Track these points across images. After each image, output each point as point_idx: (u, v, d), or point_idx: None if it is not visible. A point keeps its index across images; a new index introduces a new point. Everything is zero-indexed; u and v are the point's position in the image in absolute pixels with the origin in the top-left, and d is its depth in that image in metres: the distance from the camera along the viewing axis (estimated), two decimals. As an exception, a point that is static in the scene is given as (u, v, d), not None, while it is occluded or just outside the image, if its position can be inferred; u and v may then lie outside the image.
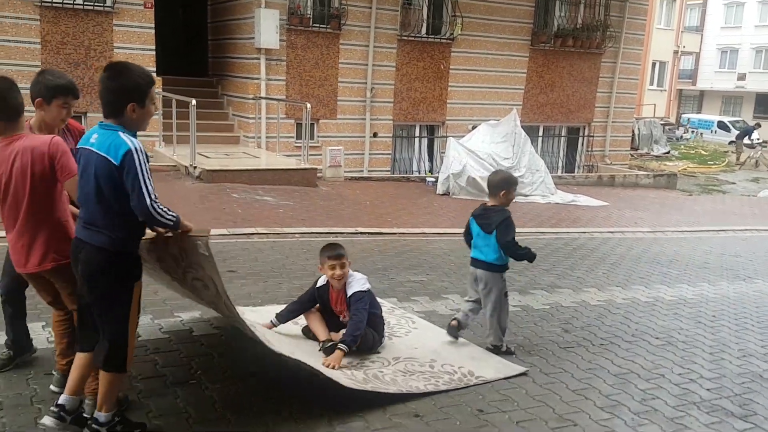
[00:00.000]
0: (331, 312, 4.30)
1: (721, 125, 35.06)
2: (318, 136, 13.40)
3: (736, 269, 7.85)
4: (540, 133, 16.65)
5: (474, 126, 13.84)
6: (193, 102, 10.18)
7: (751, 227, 11.38)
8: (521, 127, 13.06)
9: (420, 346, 4.44)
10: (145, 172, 2.85)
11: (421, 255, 7.30)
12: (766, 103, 42.37)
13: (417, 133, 15.17)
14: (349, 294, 4.17)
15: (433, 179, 12.99)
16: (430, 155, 15.34)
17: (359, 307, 4.10)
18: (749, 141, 27.46)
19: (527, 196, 12.23)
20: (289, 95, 12.95)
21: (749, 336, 5.34)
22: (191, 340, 4.30)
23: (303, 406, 3.49)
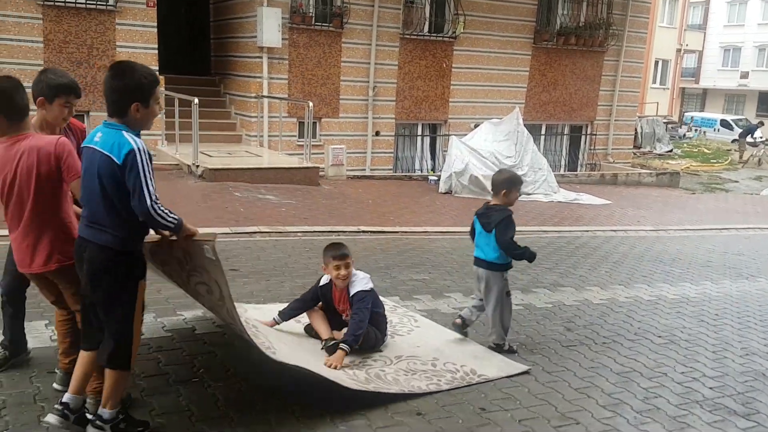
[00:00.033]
0: (334, 311, 4.31)
1: (724, 123, 35.01)
2: (320, 134, 13.40)
3: (739, 268, 7.84)
4: (542, 132, 16.63)
5: (476, 124, 13.84)
6: (196, 101, 10.19)
7: (754, 225, 11.37)
8: (524, 126, 13.05)
9: (422, 344, 4.44)
10: (147, 172, 2.84)
11: (424, 253, 7.30)
12: (769, 102, 42.37)
13: (419, 132, 15.16)
14: (352, 293, 4.17)
15: (436, 178, 12.98)
16: (432, 154, 15.34)
17: (361, 307, 4.11)
18: (752, 139, 27.42)
19: (530, 194, 12.22)
20: (292, 94, 12.95)
21: (752, 334, 5.34)
22: (194, 338, 4.30)
23: (305, 404, 3.49)
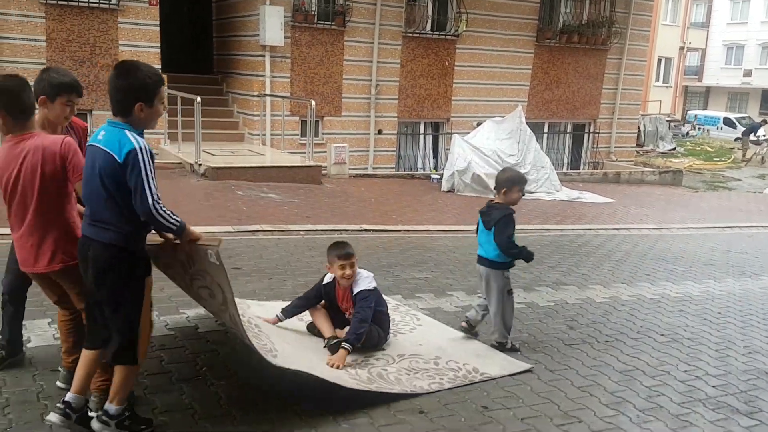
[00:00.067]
0: (337, 309, 4.32)
1: (727, 122, 34.95)
2: (322, 133, 13.41)
3: (741, 266, 7.83)
4: (545, 130, 16.62)
5: (479, 123, 13.82)
6: (198, 99, 10.21)
7: (757, 224, 11.35)
8: (526, 124, 13.04)
9: (425, 342, 4.44)
10: (149, 172, 2.84)
11: (426, 252, 7.30)
12: (772, 100, 42.29)
13: (422, 130, 15.16)
14: (356, 292, 4.17)
15: (438, 176, 12.98)
16: (434, 152, 15.34)
17: (364, 306, 4.11)
18: (755, 137, 27.36)
19: (532, 193, 12.19)
20: (294, 92, 12.95)
21: (755, 333, 5.33)
22: (196, 336, 4.31)
23: (308, 402, 3.49)
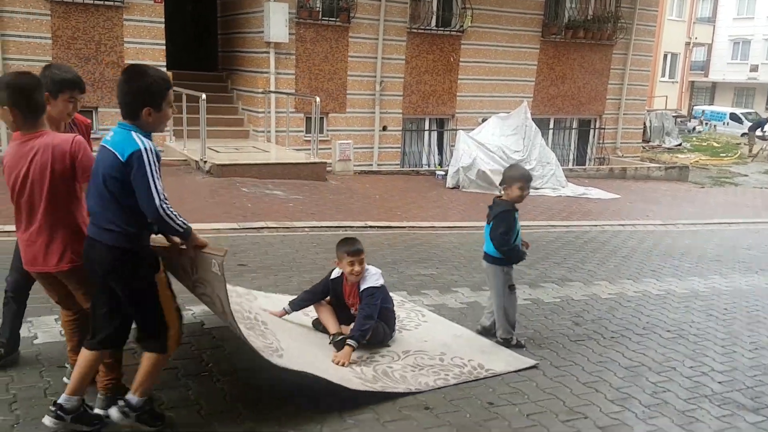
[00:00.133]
0: (344, 305, 4.31)
1: (734, 117, 34.76)
2: (327, 129, 13.40)
3: (748, 262, 7.80)
4: (551, 126, 16.56)
5: (484, 119, 13.80)
6: (203, 96, 10.22)
7: (764, 220, 11.31)
8: (532, 120, 13.00)
9: (430, 339, 4.45)
10: (155, 172, 2.83)
11: (431, 248, 7.30)
12: (779, 95, 42.08)
13: (426, 127, 15.13)
14: (363, 288, 4.17)
15: (443, 173, 12.96)
16: (439, 148, 15.31)
17: (370, 303, 4.11)
18: (762, 133, 27.21)
19: (538, 189, 12.17)
20: (299, 89, 12.95)
21: (762, 329, 5.31)
22: (202, 332, 4.32)
23: (314, 399, 3.50)
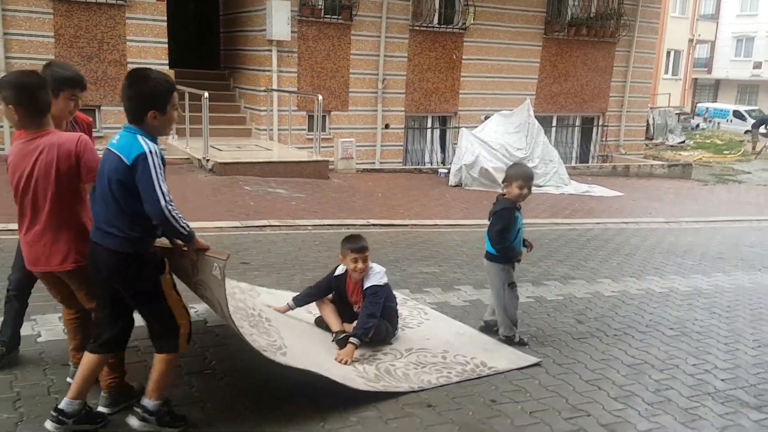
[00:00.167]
0: (347, 302, 4.32)
1: (737, 114, 34.67)
2: (330, 128, 13.40)
3: (751, 259, 7.79)
4: (553, 124, 16.55)
5: (487, 116, 13.78)
6: (206, 95, 10.22)
7: (767, 217, 11.27)
8: (534, 118, 12.99)
9: (432, 337, 4.45)
10: (159, 174, 2.83)
11: (433, 246, 7.30)
12: (782, 92, 41.96)
13: (429, 124, 15.13)
14: (366, 286, 4.18)
15: (446, 170, 12.95)
16: (442, 146, 15.31)
17: (373, 301, 4.11)
18: (765, 130, 27.15)
19: (540, 186, 12.15)
20: (301, 87, 12.95)
21: (765, 326, 5.30)
22: (205, 330, 4.33)
23: (316, 396, 3.51)
